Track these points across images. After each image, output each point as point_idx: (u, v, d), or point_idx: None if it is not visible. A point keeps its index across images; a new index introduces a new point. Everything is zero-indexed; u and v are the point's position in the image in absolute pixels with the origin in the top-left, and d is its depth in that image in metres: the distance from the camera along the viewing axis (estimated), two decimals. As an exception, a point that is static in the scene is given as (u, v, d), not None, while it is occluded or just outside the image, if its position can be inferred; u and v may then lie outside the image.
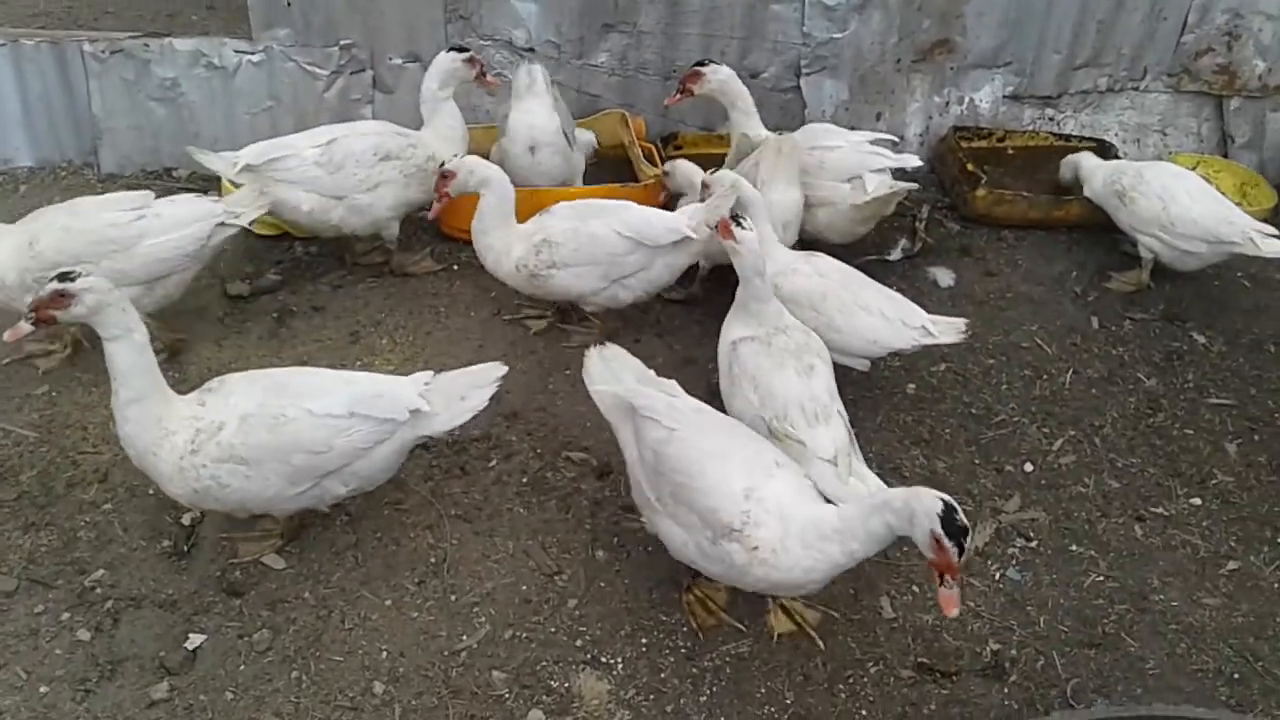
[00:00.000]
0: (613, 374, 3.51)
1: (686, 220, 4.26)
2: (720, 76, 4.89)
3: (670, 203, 4.90)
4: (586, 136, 5.32)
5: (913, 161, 4.85)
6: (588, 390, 3.52)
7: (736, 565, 3.01)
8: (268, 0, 5.21)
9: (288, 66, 5.36)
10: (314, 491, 3.37)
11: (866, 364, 4.15)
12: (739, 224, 3.68)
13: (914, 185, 4.92)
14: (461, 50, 4.79)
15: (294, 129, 5.29)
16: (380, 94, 5.51)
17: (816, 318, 4.00)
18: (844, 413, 3.61)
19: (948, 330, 4.04)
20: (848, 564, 2.96)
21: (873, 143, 4.84)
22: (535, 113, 4.86)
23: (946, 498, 2.76)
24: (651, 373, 3.52)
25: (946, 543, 2.73)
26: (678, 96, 5.02)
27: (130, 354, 3.18)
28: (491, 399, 3.52)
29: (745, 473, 3.02)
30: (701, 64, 4.89)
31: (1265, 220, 5.23)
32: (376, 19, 5.31)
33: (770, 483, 3.00)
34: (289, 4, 5.19)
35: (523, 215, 4.47)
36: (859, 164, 4.77)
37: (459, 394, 3.49)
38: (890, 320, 4.03)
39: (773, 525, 2.94)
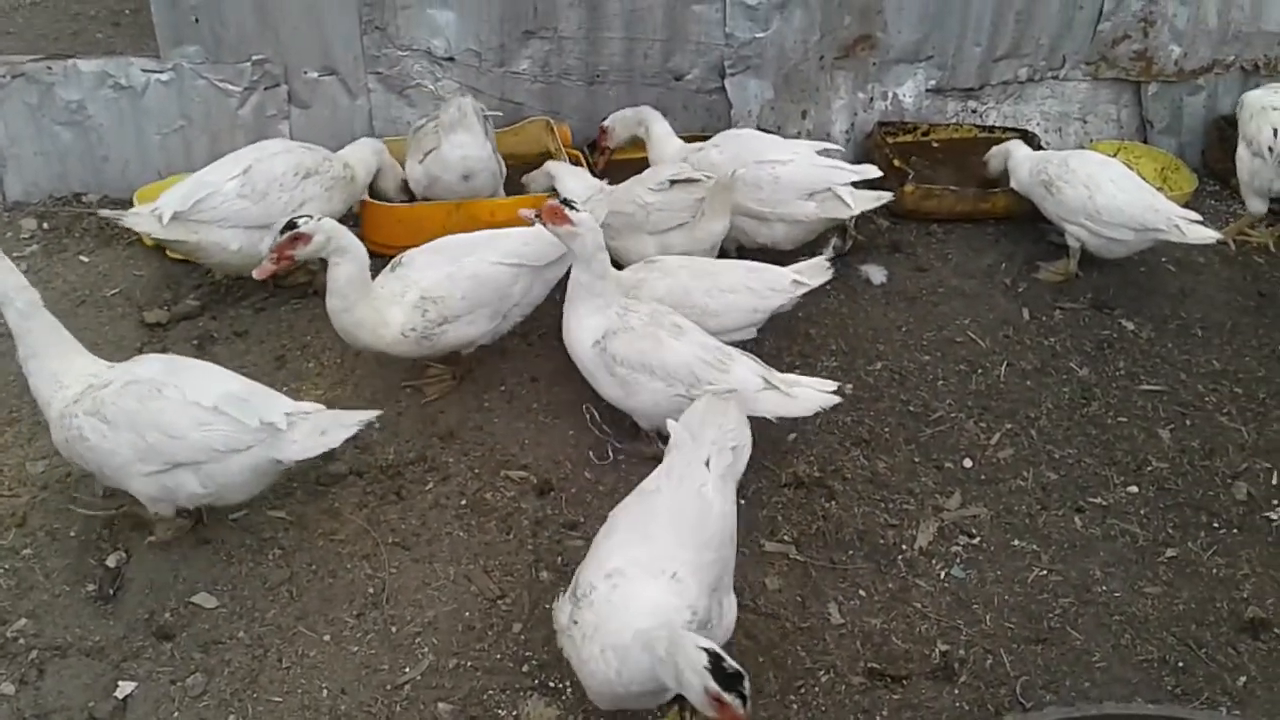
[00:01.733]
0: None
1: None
2: (621, 119, 5.24)
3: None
4: None
5: (873, 172, 4.87)
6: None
7: (559, 625, 2.91)
8: (174, 16, 5.03)
9: (198, 84, 5.19)
10: (166, 478, 3.34)
11: (753, 331, 4.29)
12: (571, 206, 3.69)
13: (890, 196, 4.97)
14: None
15: (208, 149, 5.19)
16: (296, 109, 5.36)
17: (690, 312, 4.05)
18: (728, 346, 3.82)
19: (816, 272, 4.27)
20: (622, 689, 2.70)
21: (819, 153, 4.87)
22: (468, 145, 4.78)
23: (709, 645, 2.48)
24: None
25: (727, 698, 2.42)
26: (602, 160, 5.35)
27: (14, 318, 3.34)
28: (351, 440, 3.48)
29: (628, 559, 2.80)
30: (604, 120, 5.29)
31: (1186, 204, 5.32)
32: (289, 33, 5.15)
33: (640, 582, 2.74)
34: (196, 20, 5.02)
35: (457, 228, 4.42)
36: (821, 179, 4.76)
37: (322, 429, 3.42)
38: (758, 290, 4.18)
39: (597, 615, 2.72)
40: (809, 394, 3.77)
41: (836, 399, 3.78)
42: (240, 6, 5.05)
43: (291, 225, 3.70)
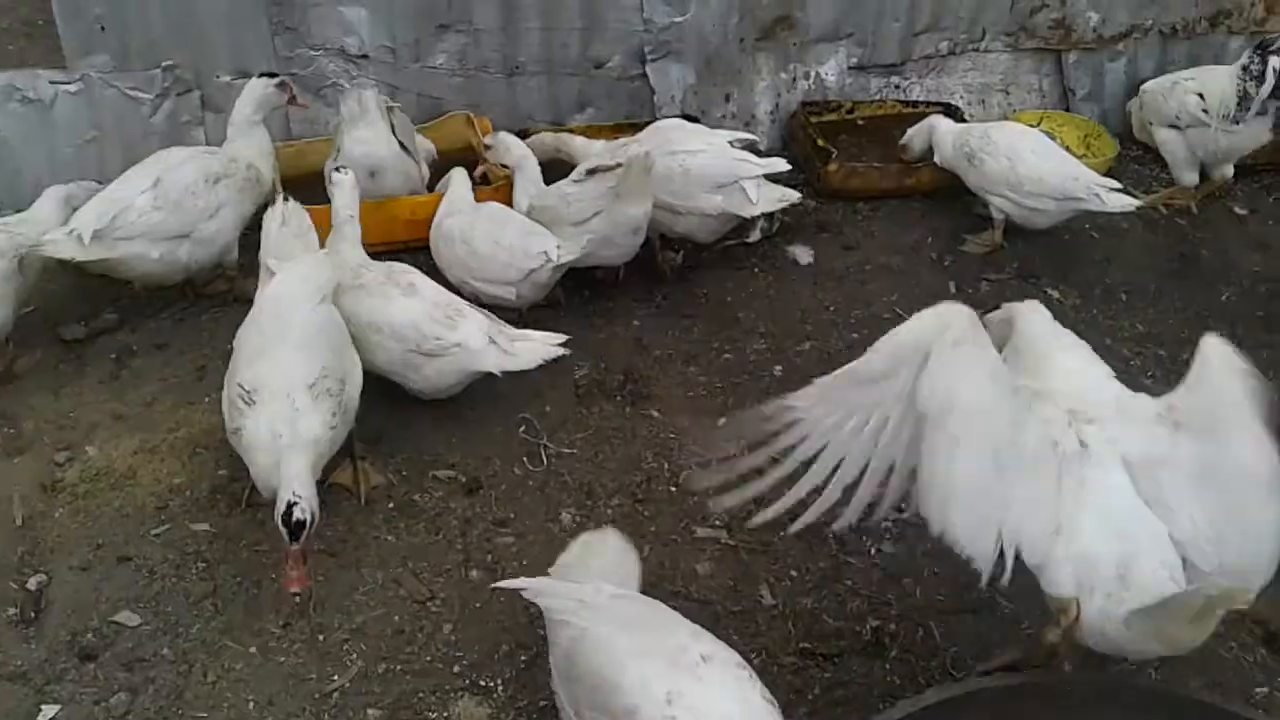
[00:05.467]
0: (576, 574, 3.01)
1: None
2: (500, 142, 4.96)
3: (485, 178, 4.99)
4: (427, 145, 5.20)
5: (780, 166, 4.82)
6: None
7: None
8: (79, 26, 4.91)
9: (108, 94, 5.08)
10: None
11: (512, 290, 4.37)
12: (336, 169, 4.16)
13: (799, 196, 4.92)
14: (272, 75, 4.74)
15: (122, 159, 5.05)
16: (211, 114, 5.26)
17: (466, 247, 4.41)
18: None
19: (570, 251, 4.32)
20: None
21: (734, 143, 4.78)
22: (370, 141, 4.70)
23: None
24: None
25: None
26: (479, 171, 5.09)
27: None
28: None
29: (668, 674, 2.53)
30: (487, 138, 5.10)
31: (1109, 170, 5.38)
32: (199, 37, 5.06)
33: (697, 686, 2.51)
34: (102, 28, 4.91)
35: (374, 229, 4.45)
36: (727, 172, 4.68)
37: None
38: (514, 248, 4.33)
39: None
40: (532, 348, 3.91)
41: (560, 351, 3.91)
42: (147, 13, 4.95)
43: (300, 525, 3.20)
